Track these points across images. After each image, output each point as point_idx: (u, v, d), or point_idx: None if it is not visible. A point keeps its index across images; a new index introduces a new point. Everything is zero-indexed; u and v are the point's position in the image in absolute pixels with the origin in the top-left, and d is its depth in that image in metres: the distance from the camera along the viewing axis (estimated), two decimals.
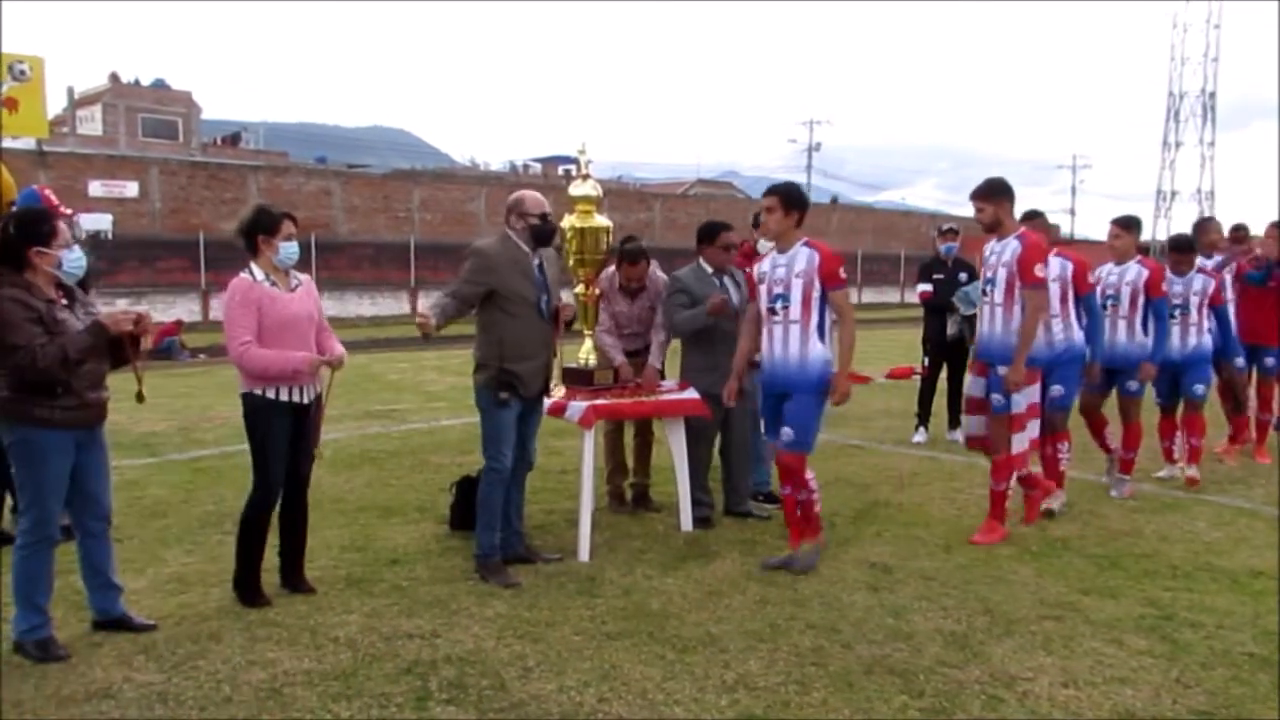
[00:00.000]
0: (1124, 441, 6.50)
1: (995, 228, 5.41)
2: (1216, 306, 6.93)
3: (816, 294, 4.77)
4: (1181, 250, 6.90)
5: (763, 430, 5.20)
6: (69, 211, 5.75)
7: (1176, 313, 6.75)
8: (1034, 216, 6.30)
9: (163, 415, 9.52)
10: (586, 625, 4.13)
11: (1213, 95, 60.67)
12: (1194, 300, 6.80)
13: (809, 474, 4.89)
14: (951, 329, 8.32)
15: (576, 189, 5.53)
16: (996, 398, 5.42)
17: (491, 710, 3.37)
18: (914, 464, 7.44)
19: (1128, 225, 6.57)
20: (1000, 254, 5.38)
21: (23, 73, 26.14)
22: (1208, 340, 6.84)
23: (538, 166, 55.62)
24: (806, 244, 4.84)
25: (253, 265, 4.27)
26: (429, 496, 6.28)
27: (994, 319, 5.42)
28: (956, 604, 4.42)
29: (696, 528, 5.56)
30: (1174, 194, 61.52)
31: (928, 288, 8.49)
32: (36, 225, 3.77)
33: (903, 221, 49.60)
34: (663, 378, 5.97)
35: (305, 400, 4.33)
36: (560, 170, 49.28)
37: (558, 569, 4.88)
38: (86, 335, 3.70)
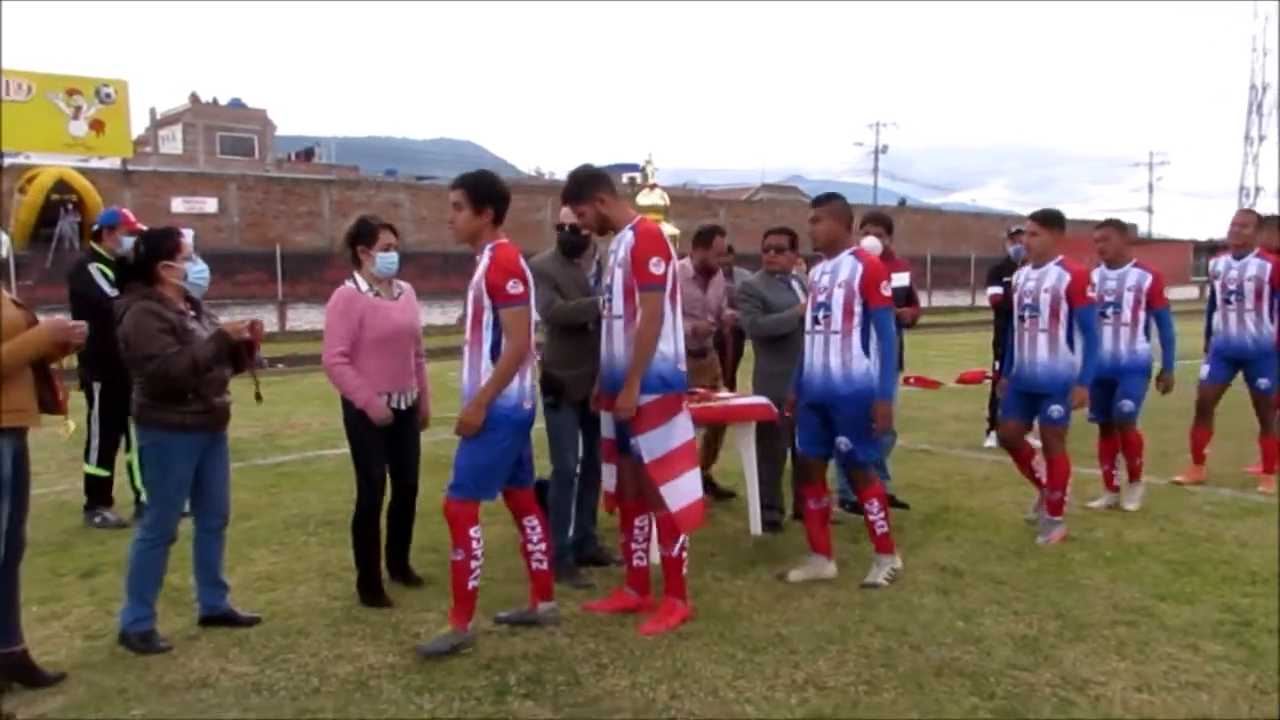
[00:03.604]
0: (1049, 478, 5.50)
1: (605, 228, 4.34)
2: (1156, 309, 6.14)
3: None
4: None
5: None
6: (143, 227, 6.03)
7: (1109, 312, 6.12)
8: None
9: (247, 422, 9.82)
10: None
11: None
12: (1128, 297, 6.12)
13: (472, 530, 3.95)
14: None
15: (644, 198, 5.66)
16: (632, 439, 4.17)
17: (567, 705, 3.48)
18: (985, 469, 7.39)
19: (1047, 221, 5.60)
20: (616, 253, 4.23)
21: (109, 96, 27.22)
22: (1143, 347, 6.15)
23: None
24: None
25: (356, 275, 4.53)
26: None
27: (611, 335, 4.24)
28: (1028, 608, 4.41)
29: (766, 532, 5.61)
30: (1258, 190, 59.70)
31: (998, 291, 8.40)
32: (162, 241, 4.07)
33: (973, 223, 48.83)
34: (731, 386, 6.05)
35: (403, 406, 4.56)
36: (624, 178, 49.49)
37: None
38: (211, 343, 3.96)
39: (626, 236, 4.20)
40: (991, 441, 8.41)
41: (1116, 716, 3.40)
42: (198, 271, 4.11)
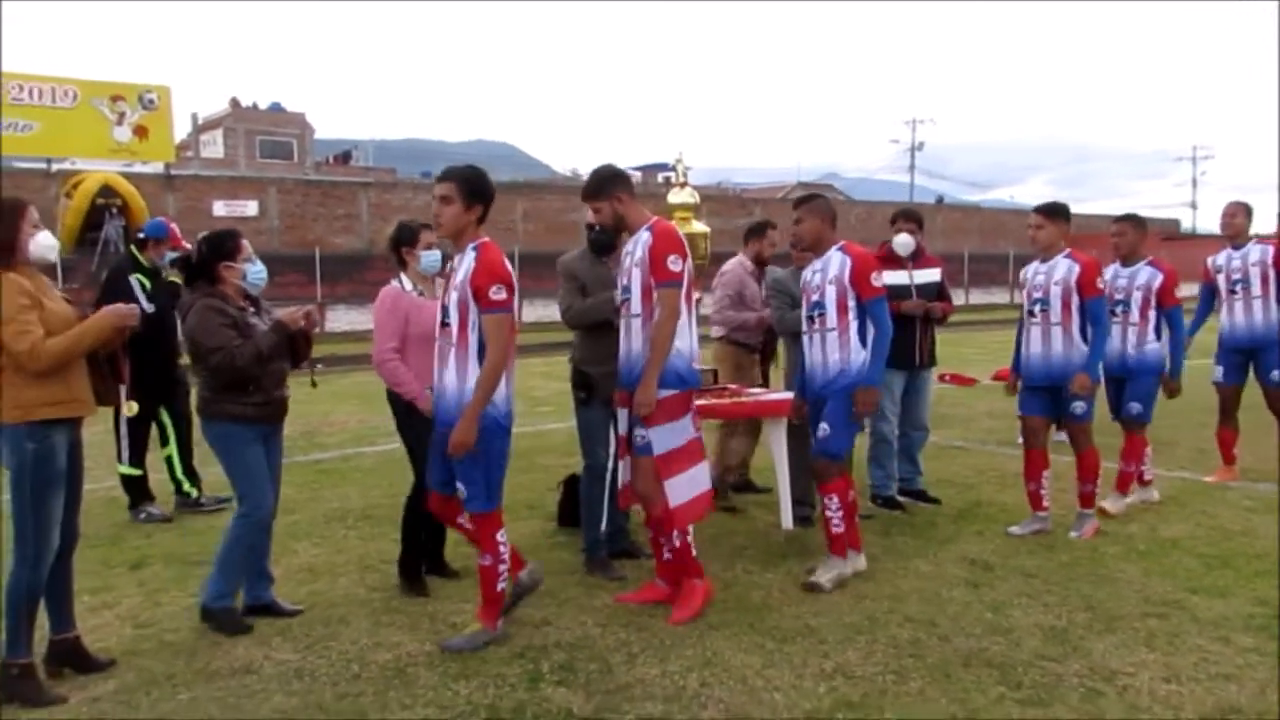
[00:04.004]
0: (1080, 472, 5.49)
1: (620, 226, 4.43)
2: (1167, 308, 5.94)
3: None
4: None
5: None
6: (188, 246, 6.21)
7: (1118, 310, 5.94)
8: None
9: (287, 420, 10.02)
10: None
11: None
12: (1136, 296, 5.94)
13: (499, 536, 4.00)
14: None
15: (674, 197, 5.72)
16: (640, 433, 4.28)
17: (599, 692, 3.56)
18: (1018, 464, 7.34)
19: (1052, 213, 5.53)
20: (633, 253, 4.30)
21: (151, 102, 27.78)
22: (1153, 347, 5.94)
23: (637, 174, 55.99)
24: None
25: (402, 276, 4.70)
26: (537, 495, 6.54)
27: (630, 332, 4.33)
28: (1058, 601, 4.43)
29: (797, 526, 5.65)
30: None
31: None
32: (223, 243, 4.29)
33: (1012, 220, 48.36)
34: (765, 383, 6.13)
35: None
36: (660, 177, 49.68)
37: None
38: (272, 333, 4.17)
39: (643, 236, 4.28)
40: None
41: (1144, 707, 3.42)
42: (256, 272, 4.32)
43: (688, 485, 4.26)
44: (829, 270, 4.72)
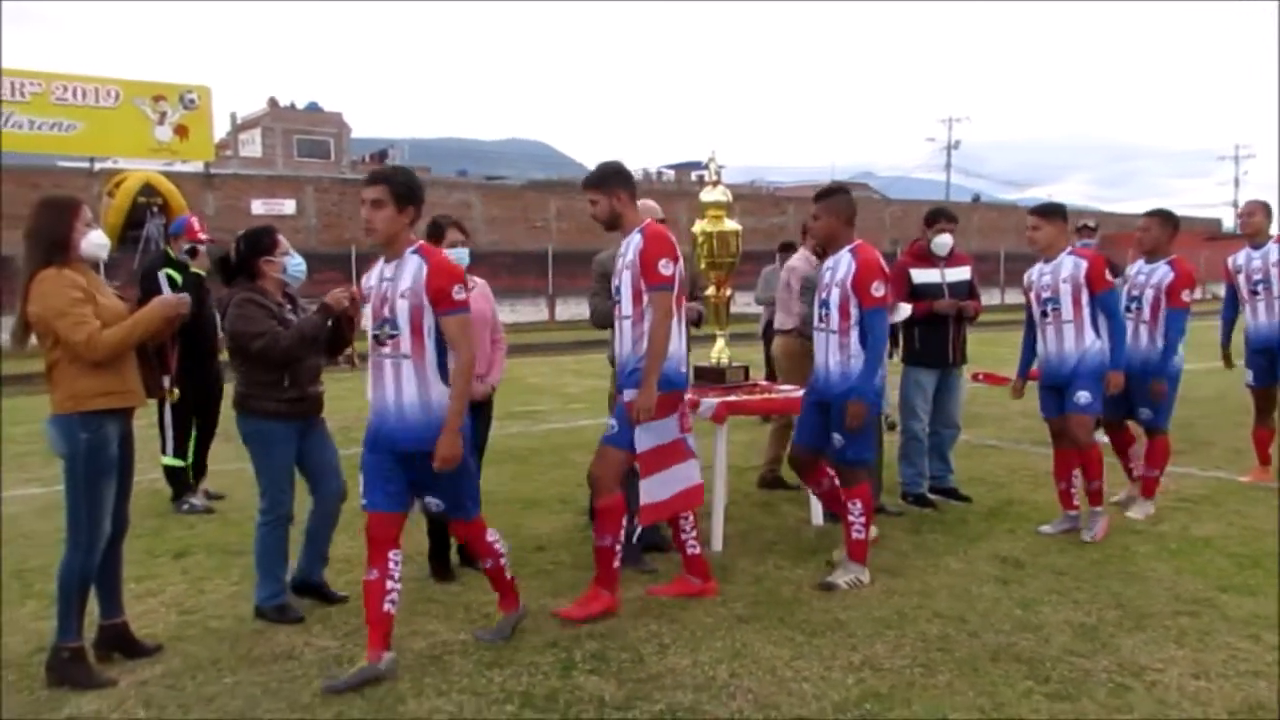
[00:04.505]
0: (1085, 472, 5.44)
1: (614, 224, 4.40)
2: (1170, 309, 5.81)
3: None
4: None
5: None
6: (207, 239, 6.34)
7: (1131, 308, 5.88)
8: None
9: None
10: (719, 609, 4.35)
11: None
12: (1148, 295, 5.88)
13: (488, 536, 3.99)
14: None
15: (707, 195, 5.77)
16: (611, 423, 4.31)
17: (630, 681, 3.63)
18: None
19: (1048, 213, 5.49)
20: (625, 255, 4.33)
21: (192, 101, 28.19)
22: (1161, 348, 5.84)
23: (671, 173, 56.03)
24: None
25: None
26: (569, 490, 6.62)
27: (621, 334, 4.35)
28: (1088, 598, 4.44)
29: (827, 522, 5.69)
30: None
31: None
32: (261, 238, 4.41)
33: None
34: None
35: (476, 395, 4.71)
36: (693, 176, 49.71)
37: None
38: (317, 315, 4.26)
39: (635, 239, 4.28)
40: None
41: (1172, 702, 3.43)
42: (295, 264, 4.45)
43: (663, 484, 4.29)
44: (838, 271, 4.70)
